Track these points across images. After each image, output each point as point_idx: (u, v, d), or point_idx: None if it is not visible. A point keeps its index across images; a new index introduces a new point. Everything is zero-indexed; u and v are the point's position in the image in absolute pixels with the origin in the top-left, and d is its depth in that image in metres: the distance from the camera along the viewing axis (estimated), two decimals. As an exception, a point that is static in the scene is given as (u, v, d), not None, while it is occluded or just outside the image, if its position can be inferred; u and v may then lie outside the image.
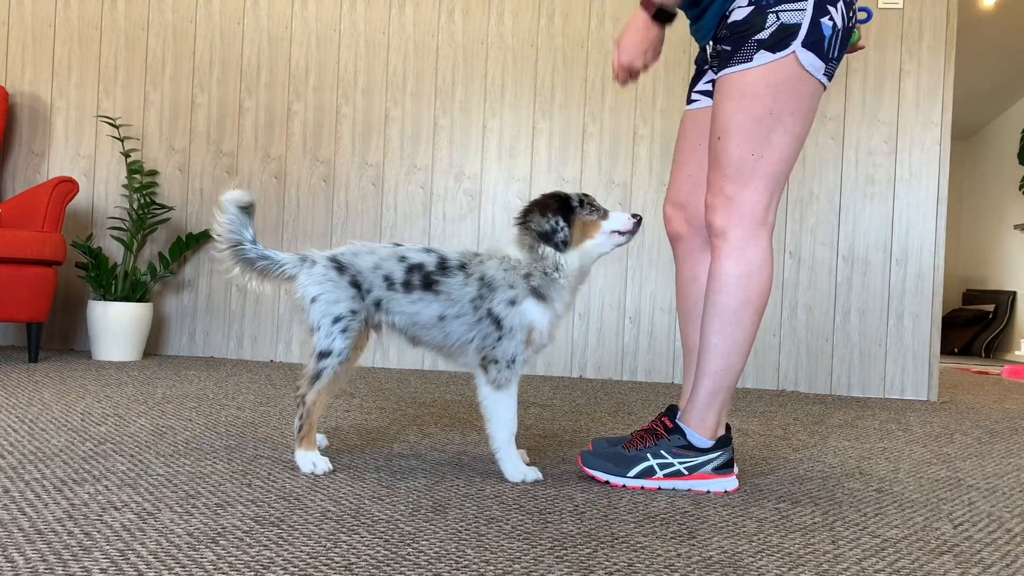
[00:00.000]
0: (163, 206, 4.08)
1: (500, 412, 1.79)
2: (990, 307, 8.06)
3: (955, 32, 3.78)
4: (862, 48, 1.94)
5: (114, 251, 4.15)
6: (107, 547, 1.24)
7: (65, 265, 4.17)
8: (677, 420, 1.82)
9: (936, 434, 2.75)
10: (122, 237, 3.98)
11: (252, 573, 1.15)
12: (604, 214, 1.84)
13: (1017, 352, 7.68)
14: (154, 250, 4.14)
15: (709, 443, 1.79)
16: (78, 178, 4.17)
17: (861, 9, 1.90)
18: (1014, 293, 7.88)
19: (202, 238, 4.03)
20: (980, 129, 8.87)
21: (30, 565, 1.15)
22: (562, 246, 1.78)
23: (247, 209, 1.90)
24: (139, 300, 3.87)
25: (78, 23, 4.22)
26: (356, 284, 1.80)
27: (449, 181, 4.04)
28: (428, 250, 1.83)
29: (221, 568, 1.17)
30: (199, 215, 4.16)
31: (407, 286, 1.79)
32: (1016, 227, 7.86)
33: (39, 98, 4.24)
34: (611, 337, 3.96)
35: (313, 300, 1.80)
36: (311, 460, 1.78)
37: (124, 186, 4.07)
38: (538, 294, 1.78)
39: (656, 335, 3.94)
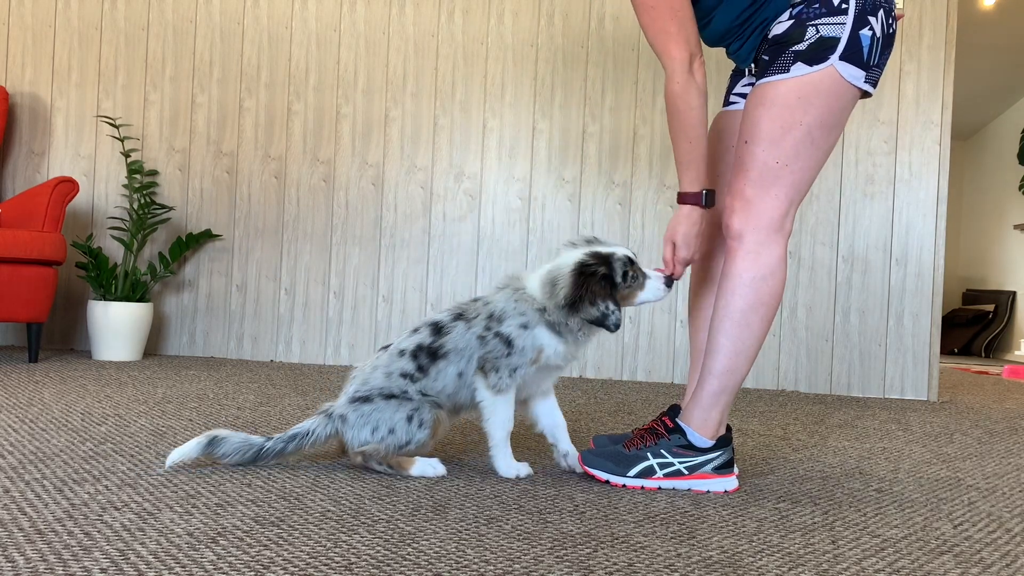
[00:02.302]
0: (163, 206, 4.08)
1: (499, 413, 1.80)
2: (990, 307, 8.06)
3: (955, 32, 3.78)
4: (900, 17, 1.89)
5: (114, 251, 4.15)
6: (107, 547, 1.24)
7: (65, 265, 4.17)
8: (678, 419, 1.82)
9: (936, 434, 2.75)
10: (122, 237, 3.98)
11: (252, 573, 1.15)
12: (642, 283, 1.79)
13: (1017, 352, 7.68)
14: (154, 250, 4.14)
15: (709, 443, 1.79)
16: (78, 178, 4.17)
17: None
18: (1014, 293, 7.88)
19: (202, 238, 4.03)
20: (980, 129, 8.87)
21: (30, 565, 1.15)
22: (614, 328, 1.73)
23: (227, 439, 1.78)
24: (139, 300, 3.87)
25: (78, 23, 4.22)
26: (389, 396, 1.78)
27: (449, 181, 4.04)
28: (415, 330, 1.83)
29: (221, 568, 1.17)
30: (199, 215, 4.16)
31: (423, 369, 1.78)
32: (1016, 227, 7.87)
33: (39, 98, 4.24)
34: (611, 337, 3.96)
35: (375, 431, 1.77)
36: (429, 464, 1.81)
37: (124, 186, 4.07)
38: (552, 326, 1.77)
39: (656, 335, 3.94)
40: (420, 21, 4.08)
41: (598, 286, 1.71)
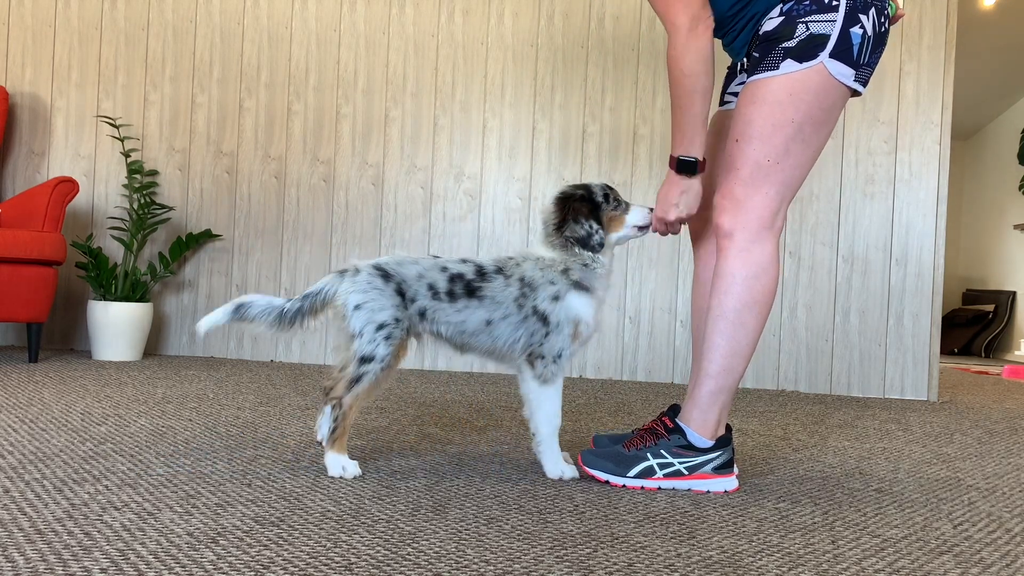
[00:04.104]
0: (163, 206, 4.08)
1: (545, 406, 1.81)
2: (990, 307, 8.06)
3: (955, 32, 3.78)
4: (901, 16, 1.88)
5: (114, 251, 4.15)
6: (107, 547, 1.24)
7: (65, 265, 4.17)
8: (678, 420, 1.82)
9: (936, 434, 2.75)
10: (122, 237, 3.98)
11: (252, 573, 1.15)
12: (626, 208, 1.88)
13: (1017, 352, 7.68)
14: (154, 250, 4.14)
15: (709, 443, 1.79)
16: (78, 178, 4.17)
17: None
18: (1014, 293, 7.88)
19: (202, 238, 4.03)
20: (980, 129, 8.87)
21: (30, 565, 1.15)
22: (599, 248, 1.81)
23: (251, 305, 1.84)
24: (139, 300, 3.87)
25: (78, 23, 4.22)
26: (401, 292, 1.79)
27: (449, 181, 4.04)
28: (463, 260, 1.85)
29: (221, 568, 1.17)
30: (199, 215, 4.16)
31: (451, 295, 1.80)
32: (1016, 227, 7.86)
33: (39, 98, 4.24)
34: (611, 337, 3.96)
35: (357, 307, 1.77)
36: (341, 464, 1.76)
37: (124, 186, 4.07)
38: (580, 286, 1.81)
39: (656, 335, 3.94)
40: (420, 21, 4.08)
41: (579, 204, 1.82)
